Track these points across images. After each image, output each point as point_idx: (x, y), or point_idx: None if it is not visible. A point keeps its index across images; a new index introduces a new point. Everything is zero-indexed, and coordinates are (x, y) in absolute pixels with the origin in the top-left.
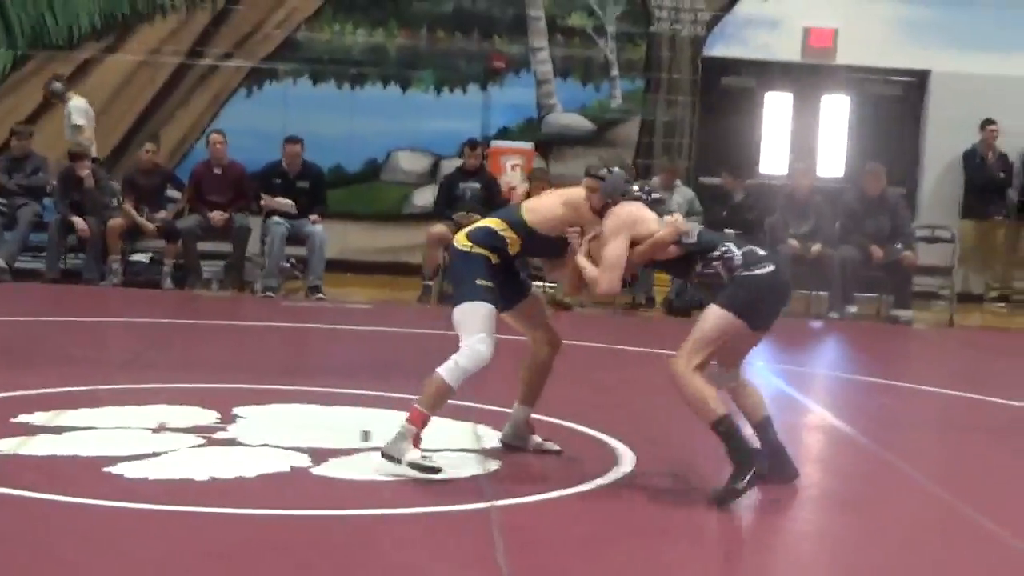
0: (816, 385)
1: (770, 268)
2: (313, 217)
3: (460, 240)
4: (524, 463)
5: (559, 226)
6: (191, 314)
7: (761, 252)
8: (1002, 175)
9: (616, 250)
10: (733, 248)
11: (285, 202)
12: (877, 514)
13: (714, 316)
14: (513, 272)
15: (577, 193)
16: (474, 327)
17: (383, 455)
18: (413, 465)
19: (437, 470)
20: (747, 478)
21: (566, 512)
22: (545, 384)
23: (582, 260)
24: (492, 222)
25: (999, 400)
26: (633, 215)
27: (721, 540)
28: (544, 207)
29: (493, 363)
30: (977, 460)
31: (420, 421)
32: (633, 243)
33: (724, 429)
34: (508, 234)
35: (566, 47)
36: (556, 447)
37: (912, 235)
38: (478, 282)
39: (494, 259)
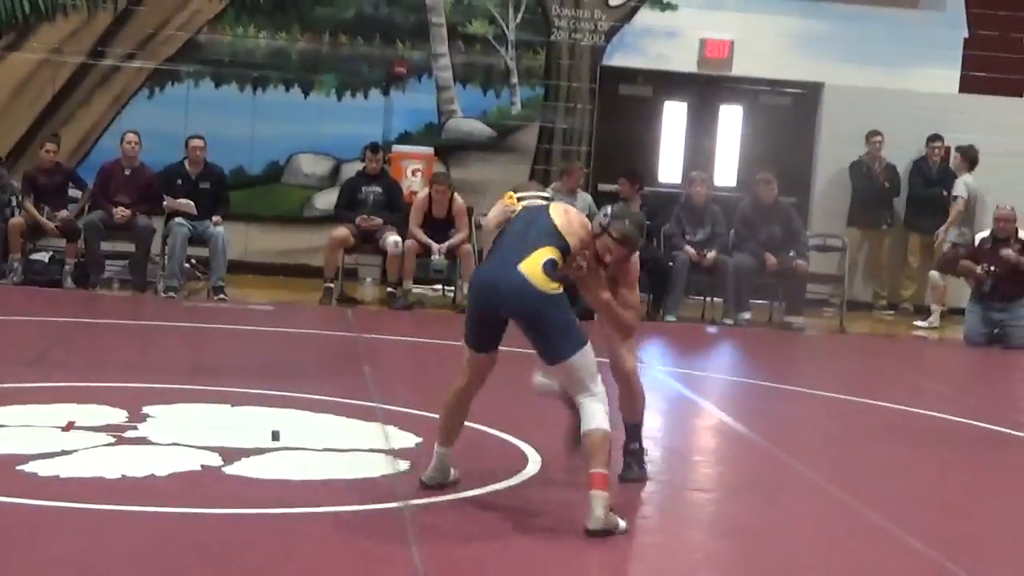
0: (712, 389)
1: None
2: (215, 218)
3: (545, 283)
4: None
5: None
6: (94, 313)
7: None
8: (887, 185)
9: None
10: None
11: (186, 203)
12: (777, 511)
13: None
14: None
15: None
16: (594, 371)
17: (596, 534)
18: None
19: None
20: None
21: (478, 511)
22: None
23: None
24: (551, 252)
25: (886, 404)
26: None
27: (628, 537)
28: (574, 231)
29: (401, 366)
30: (867, 460)
31: (606, 482)
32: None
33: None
34: (560, 263)
35: (467, 54)
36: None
37: (805, 243)
38: (575, 324)
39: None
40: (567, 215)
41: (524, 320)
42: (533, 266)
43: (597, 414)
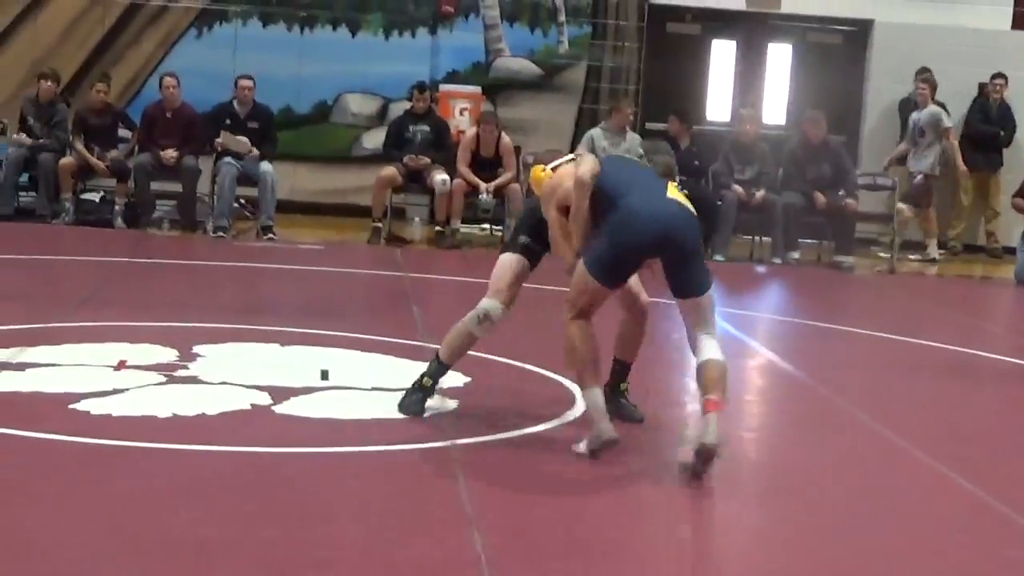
0: (761, 328)
1: None
2: (254, 152)
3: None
4: (482, 404)
5: None
6: (144, 253)
7: None
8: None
9: None
10: None
11: (242, 140)
12: (825, 451)
13: None
14: None
15: None
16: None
17: (712, 448)
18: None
19: None
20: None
21: (526, 451)
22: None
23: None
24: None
25: (934, 343)
26: None
27: (682, 481)
28: None
29: (450, 305)
30: (915, 400)
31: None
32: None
33: None
34: None
35: None
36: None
37: (854, 182)
38: None
39: None
40: None
41: (686, 250)
42: (680, 197)
43: (717, 347)
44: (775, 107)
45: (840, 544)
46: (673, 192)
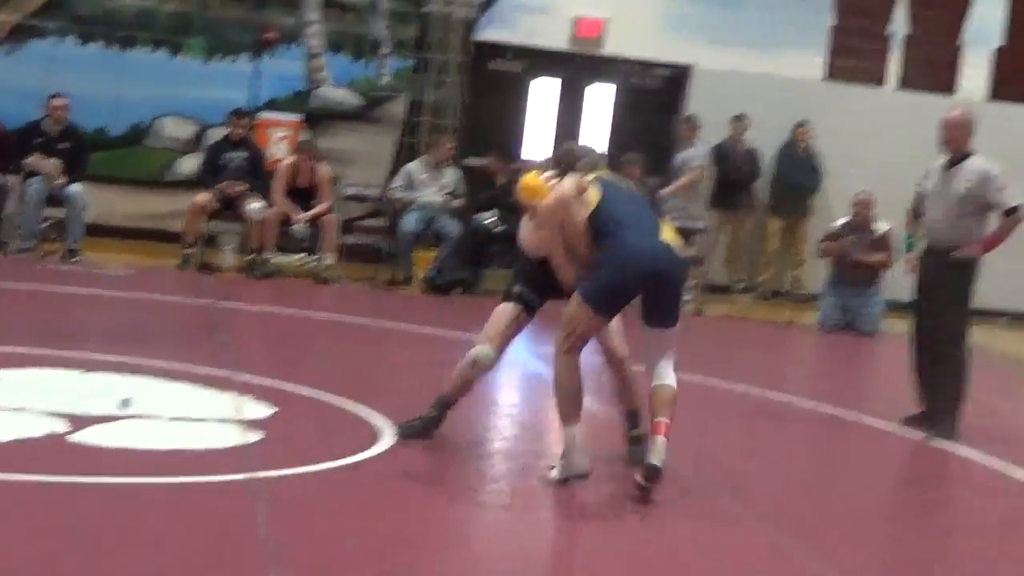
0: None
1: None
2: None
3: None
4: (286, 437)
5: None
6: None
7: None
8: (745, 169)
9: None
10: None
11: (53, 163)
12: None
13: None
14: None
15: None
16: None
17: (656, 471)
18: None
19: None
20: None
21: (329, 485)
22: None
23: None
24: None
25: (741, 386)
26: None
27: (485, 513)
28: None
29: (259, 335)
30: (718, 439)
31: (670, 431)
32: None
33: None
34: None
35: (339, 22)
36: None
37: None
38: None
39: None
40: None
41: (672, 286)
42: (672, 237)
43: (672, 373)
44: (594, 147)
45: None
46: (666, 230)
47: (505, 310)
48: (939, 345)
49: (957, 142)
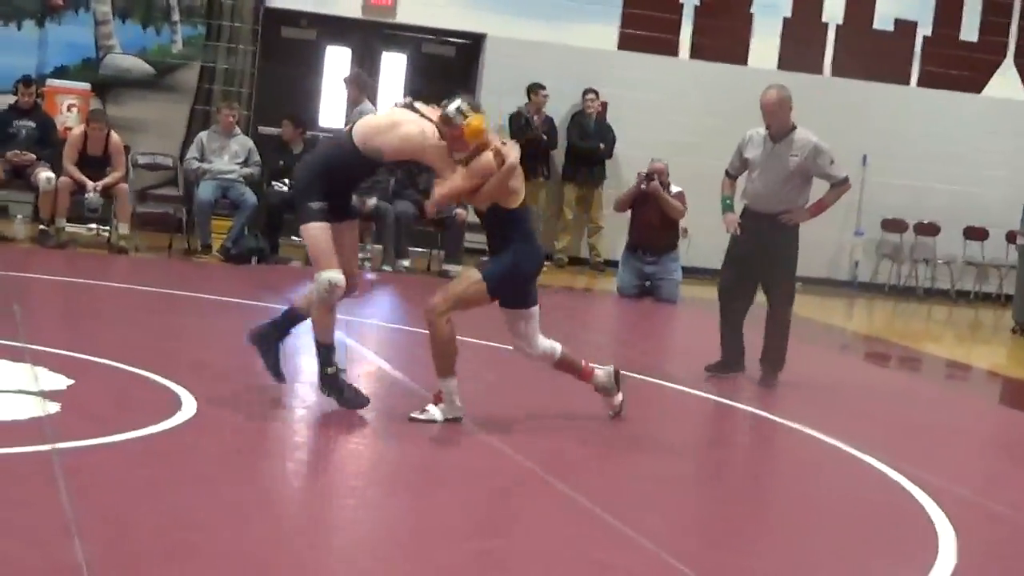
0: (372, 336)
1: None
2: None
3: None
4: (86, 406)
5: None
6: None
7: None
8: (545, 138)
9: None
10: None
11: None
12: (432, 455)
13: None
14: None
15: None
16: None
17: None
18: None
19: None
20: None
21: (130, 455)
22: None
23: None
24: None
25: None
26: None
27: (285, 484)
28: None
29: (53, 306)
30: (518, 407)
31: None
32: None
33: None
34: None
35: None
36: None
37: None
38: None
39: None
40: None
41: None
42: None
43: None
44: None
45: (444, 550)
46: None
47: (320, 229)
48: (773, 305)
49: (780, 120)
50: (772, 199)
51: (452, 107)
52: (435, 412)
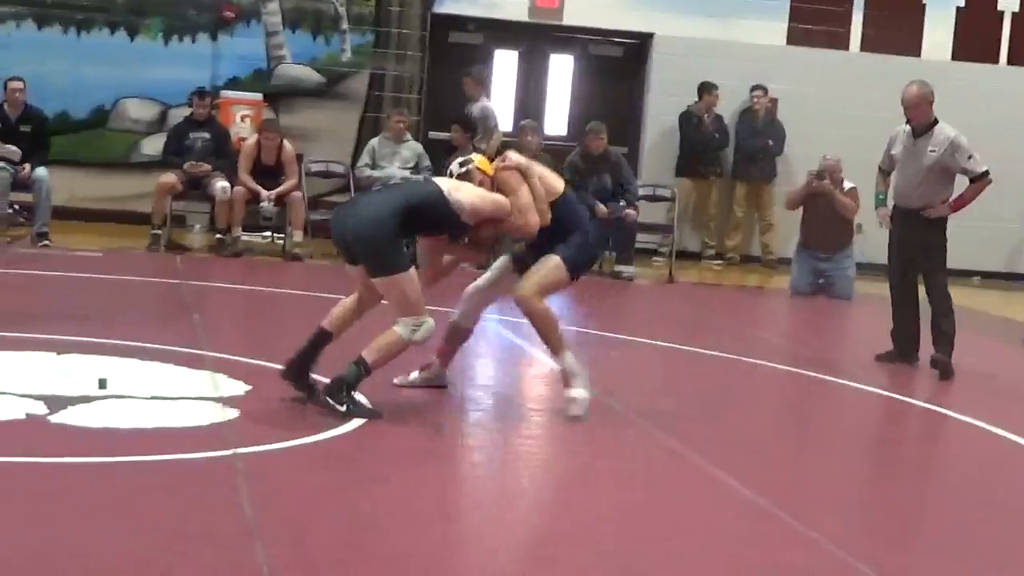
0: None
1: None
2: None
3: None
4: (264, 412)
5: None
6: None
7: None
8: (716, 136)
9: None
10: None
11: (12, 149)
12: (606, 458)
13: None
14: None
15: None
16: None
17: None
18: None
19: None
20: None
21: (308, 459)
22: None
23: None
24: None
25: (714, 352)
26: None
27: (463, 488)
28: None
29: (230, 313)
30: (695, 407)
31: None
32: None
33: None
34: None
35: None
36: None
37: (635, 193)
38: None
39: None
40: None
41: None
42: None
43: None
44: (556, 118)
45: (627, 553)
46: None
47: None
48: (933, 297)
49: (920, 116)
50: (913, 194)
51: (455, 167)
52: (578, 392)
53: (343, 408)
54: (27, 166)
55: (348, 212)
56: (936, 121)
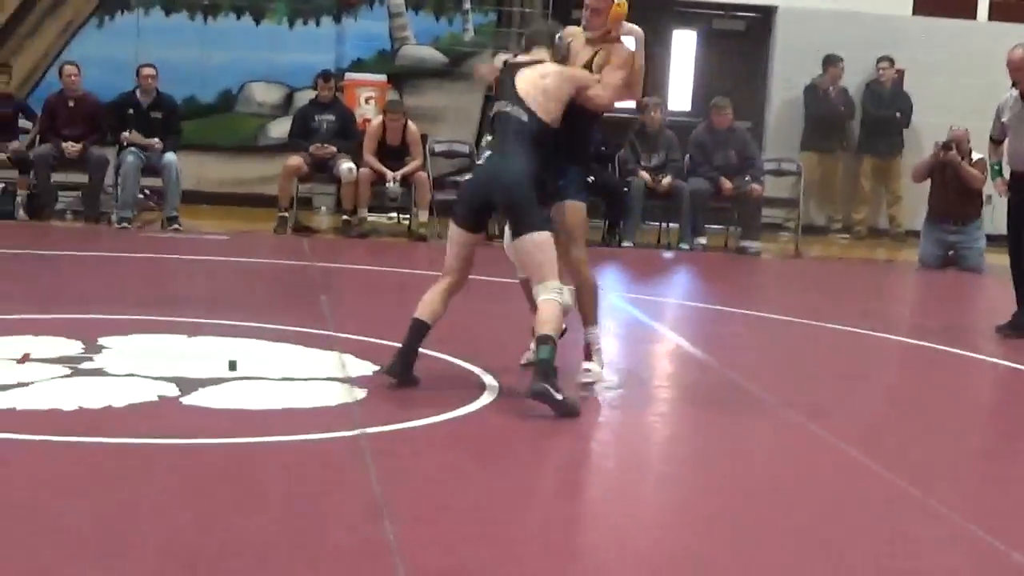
0: (669, 313)
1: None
2: (156, 143)
3: None
4: (391, 392)
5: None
6: (48, 244)
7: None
8: (842, 109)
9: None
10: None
11: (150, 141)
12: (733, 434)
13: None
14: None
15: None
16: None
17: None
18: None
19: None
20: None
21: (435, 438)
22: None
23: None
24: None
25: (842, 327)
26: None
27: (590, 466)
28: None
29: (357, 294)
30: (821, 382)
31: None
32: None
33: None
34: None
35: None
36: None
37: (760, 168)
38: None
39: None
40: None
41: None
42: None
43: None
44: (680, 94)
45: (753, 527)
46: None
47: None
48: None
49: None
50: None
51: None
52: (595, 366)
53: (560, 396)
54: (158, 144)
55: (500, 167)
56: None
